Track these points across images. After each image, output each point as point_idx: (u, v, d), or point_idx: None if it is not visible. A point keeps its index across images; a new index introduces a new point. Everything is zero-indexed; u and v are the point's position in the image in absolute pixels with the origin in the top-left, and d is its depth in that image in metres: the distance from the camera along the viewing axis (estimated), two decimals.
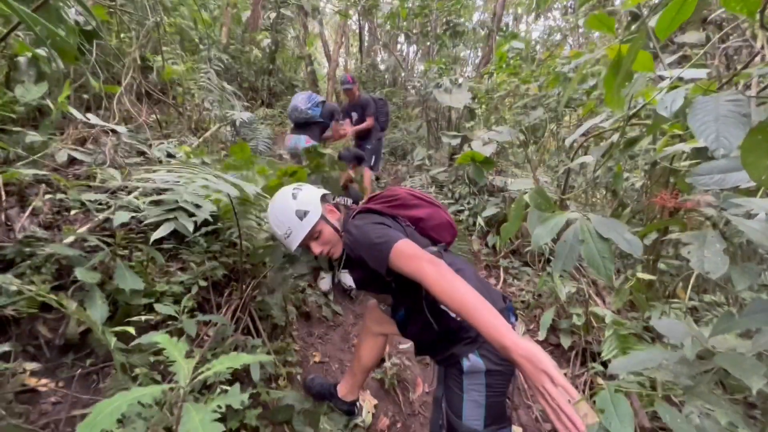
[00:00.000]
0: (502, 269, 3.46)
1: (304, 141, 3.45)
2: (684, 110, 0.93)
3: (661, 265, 2.67)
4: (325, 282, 2.65)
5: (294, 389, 1.73)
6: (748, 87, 1.75)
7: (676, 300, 2.25)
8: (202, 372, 0.91)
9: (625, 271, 2.88)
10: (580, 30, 7.99)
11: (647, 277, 2.23)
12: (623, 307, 2.65)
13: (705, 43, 2.94)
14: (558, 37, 8.79)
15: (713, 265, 0.86)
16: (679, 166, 1.78)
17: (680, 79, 1.40)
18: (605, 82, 1.14)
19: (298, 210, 1.27)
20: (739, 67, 3.05)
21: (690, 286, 1.61)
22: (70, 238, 1.62)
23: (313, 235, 1.28)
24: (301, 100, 3.60)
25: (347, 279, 2.10)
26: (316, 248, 1.30)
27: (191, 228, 1.32)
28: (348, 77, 4.29)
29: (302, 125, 3.58)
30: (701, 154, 1.25)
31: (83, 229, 1.73)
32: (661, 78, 1.46)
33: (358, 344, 1.79)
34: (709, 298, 2.80)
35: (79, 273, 1.34)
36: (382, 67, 8.51)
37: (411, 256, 1.07)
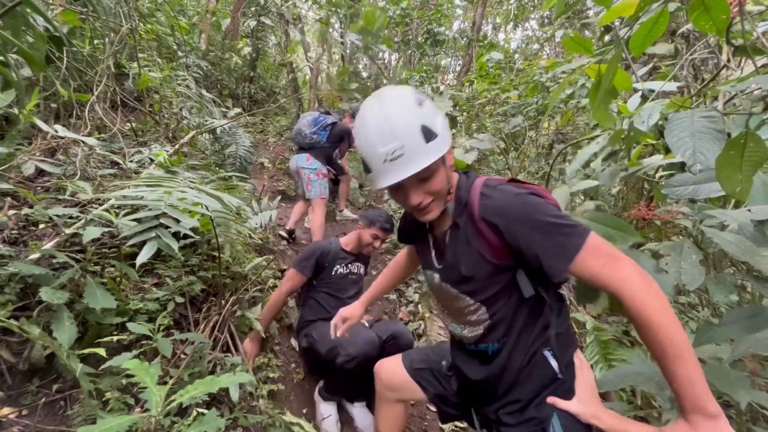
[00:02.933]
0: None
1: (304, 160, 3.31)
2: (660, 124, 0.96)
3: None
4: (329, 421, 1.84)
5: (276, 407, 1.68)
6: (715, 99, 1.82)
7: None
8: (176, 399, 0.86)
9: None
10: (557, 40, 8.23)
11: None
12: (603, 312, 2.70)
13: (674, 54, 3.07)
14: (535, 46, 9.03)
15: (690, 276, 0.88)
16: (653, 177, 1.84)
17: (652, 90, 1.44)
18: (590, 101, 1.17)
19: (425, 126, 0.82)
20: (706, 76, 3.19)
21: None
22: (36, 255, 1.54)
23: (427, 173, 0.84)
24: (306, 123, 3.40)
25: (361, 416, 1.89)
26: (417, 197, 0.87)
27: (176, 246, 1.27)
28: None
29: (307, 147, 3.39)
30: (675, 166, 1.29)
31: (50, 245, 1.65)
32: (635, 90, 1.50)
33: (376, 422, 1.39)
34: (684, 299, 2.88)
35: (45, 293, 1.27)
36: (364, 74, 8.54)
37: (613, 255, 0.75)
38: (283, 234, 3.48)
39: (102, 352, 1.24)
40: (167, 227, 1.40)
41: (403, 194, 0.88)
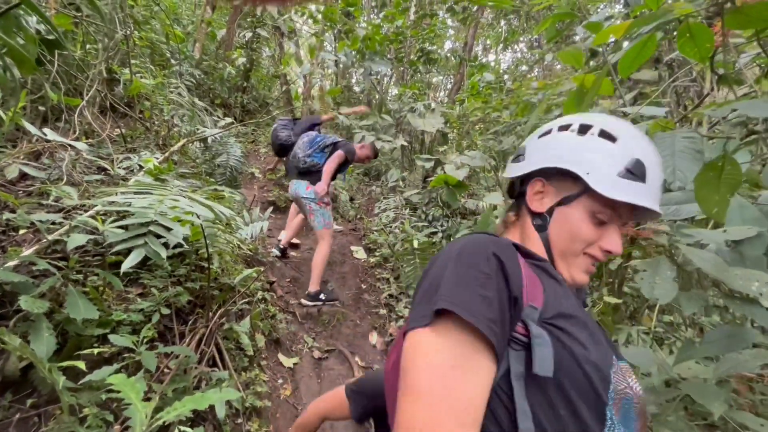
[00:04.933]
0: None
1: (303, 188, 3.01)
2: None
3: (626, 289, 2.78)
4: None
5: (262, 425, 1.62)
6: (699, 124, 1.90)
7: (640, 325, 2.33)
8: (162, 416, 0.83)
9: (591, 294, 2.98)
10: (545, 62, 8.50)
11: (613, 300, 2.31)
12: None
13: (657, 81, 3.20)
14: (524, 68, 9.30)
15: (662, 291, 0.91)
16: None
17: (641, 116, 1.49)
18: (565, 108, 1.20)
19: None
20: (687, 102, 3.32)
21: (656, 311, 1.67)
22: (14, 261, 1.48)
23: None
24: (301, 145, 3.13)
25: None
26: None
27: (164, 254, 1.24)
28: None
29: (304, 172, 3.09)
30: None
31: (30, 251, 1.59)
32: (624, 114, 1.55)
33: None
34: (668, 318, 2.93)
35: (24, 302, 1.21)
36: (356, 89, 8.64)
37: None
38: (277, 253, 3.33)
39: (82, 365, 1.19)
40: (158, 235, 1.37)
41: (612, 233, 0.69)
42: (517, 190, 0.81)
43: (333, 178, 3.15)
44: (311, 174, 3.06)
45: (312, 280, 2.83)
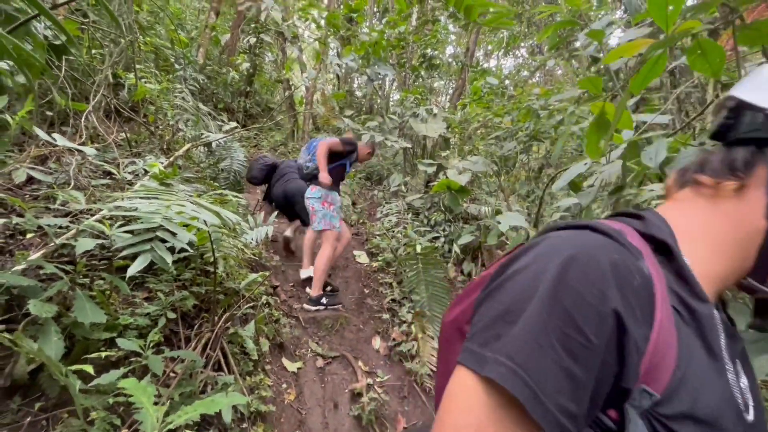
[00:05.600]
0: None
1: (309, 189, 2.99)
2: (667, 161, 1.00)
3: None
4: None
5: (267, 429, 1.63)
6: (702, 131, 1.91)
7: None
8: (173, 420, 0.84)
9: None
10: (546, 68, 8.55)
11: None
12: None
13: (659, 87, 3.22)
14: (525, 74, 9.35)
15: None
16: (643, 203, 1.90)
17: (644, 122, 1.51)
18: (588, 135, 1.22)
19: None
20: (690, 109, 3.33)
21: None
22: (23, 265, 1.49)
23: None
24: (302, 152, 3.08)
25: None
26: None
27: (170, 259, 1.25)
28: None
29: (307, 178, 3.05)
30: None
31: (38, 255, 1.60)
32: None
33: None
34: None
35: (33, 306, 1.22)
36: (359, 93, 8.69)
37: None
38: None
39: (89, 369, 1.20)
40: (163, 240, 1.38)
41: None
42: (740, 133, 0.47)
43: (339, 179, 3.09)
44: (315, 178, 2.98)
45: (313, 285, 2.83)
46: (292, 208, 3.37)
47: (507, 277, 0.41)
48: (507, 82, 8.59)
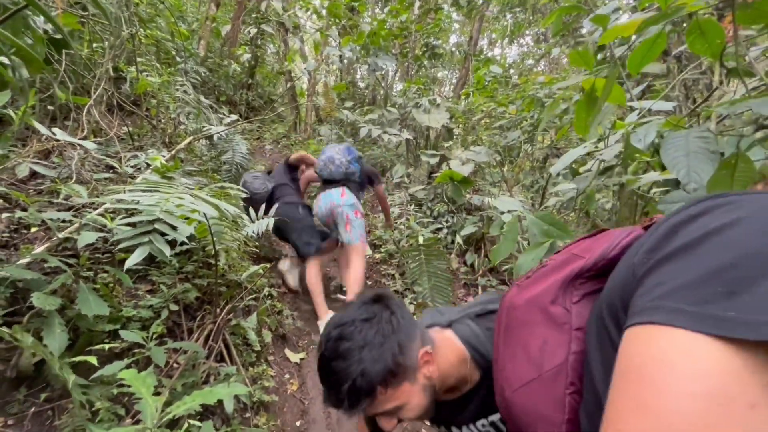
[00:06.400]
0: (480, 288, 3.48)
1: (338, 195, 2.54)
2: (660, 140, 0.98)
3: None
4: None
5: (270, 419, 1.65)
6: (708, 119, 1.88)
7: None
8: (172, 410, 0.85)
9: None
10: (551, 56, 8.41)
11: None
12: None
13: (666, 74, 3.15)
14: (530, 62, 9.21)
15: None
16: (647, 193, 1.87)
17: (649, 110, 1.48)
18: (576, 111, 1.19)
19: None
20: (697, 96, 3.27)
21: None
22: (27, 259, 1.51)
23: None
24: (338, 150, 2.66)
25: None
26: None
27: (168, 252, 1.25)
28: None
29: (338, 180, 2.64)
30: (670, 182, 1.31)
31: (42, 249, 1.62)
32: (631, 108, 1.53)
33: None
34: None
35: (37, 299, 1.24)
36: (361, 84, 8.62)
37: None
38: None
39: (93, 360, 1.22)
40: (163, 234, 1.38)
41: None
42: None
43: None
44: (349, 181, 2.64)
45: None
46: (286, 233, 2.78)
47: (708, 233, 0.36)
48: (511, 71, 8.47)
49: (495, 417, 0.82)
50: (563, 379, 0.51)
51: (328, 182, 2.65)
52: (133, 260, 1.17)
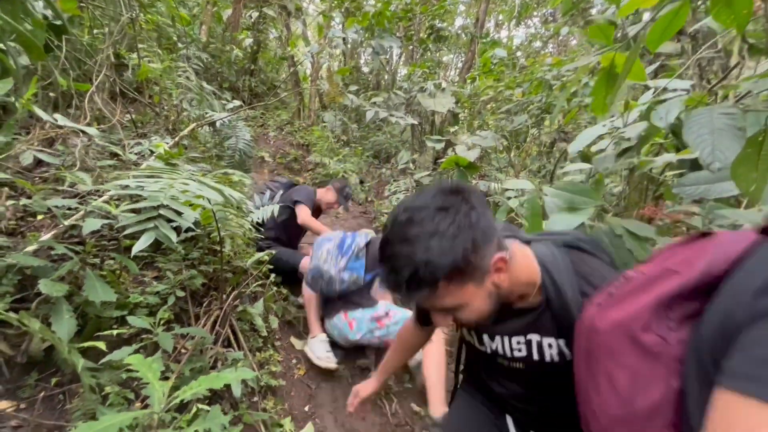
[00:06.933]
0: None
1: (347, 327, 2.02)
2: (678, 121, 0.94)
3: None
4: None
5: (277, 403, 1.66)
6: (725, 98, 1.81)
7: None
8: (179, 395, 0.85)
9: None
10: (560, 38, 8.19)
11: None
12: None
13: (680, 53, 3.05)
14: (538, 44, 8.99)
15: None
16: (660, 175, 1.82)
17: (665, 89, 1.42)
18: (595, 89, 1.15)
19: None
20: (711, 76, 3.17)
21: None
22: (34, 246, 1.51)
23: None
24: (328, 255, 2.04)
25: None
26: None
27: (174, 237, 1.24)
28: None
29: (341, 298, 2.09)
30: (686, 164, 1.27)
31: (48, 236, 1.62)
32: (647, 87, 1.48)
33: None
34: None
35: (44, 285, 1.24)
36: (365, 69, 8.48)
37: None
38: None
39: (102, 345, 1.22)
40: (170, 220, 1.37)
41: None
42: None
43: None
44: (354, 296, 2.03)
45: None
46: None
47: None
48: (519, 53, 8.28)
49: (534, 337, 0.79)
50: (660, 420, 0.45)
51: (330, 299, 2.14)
52: (139, 246, 1.17)
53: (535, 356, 0.80)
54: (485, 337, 0.87)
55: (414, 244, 0.63)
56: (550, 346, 0.78)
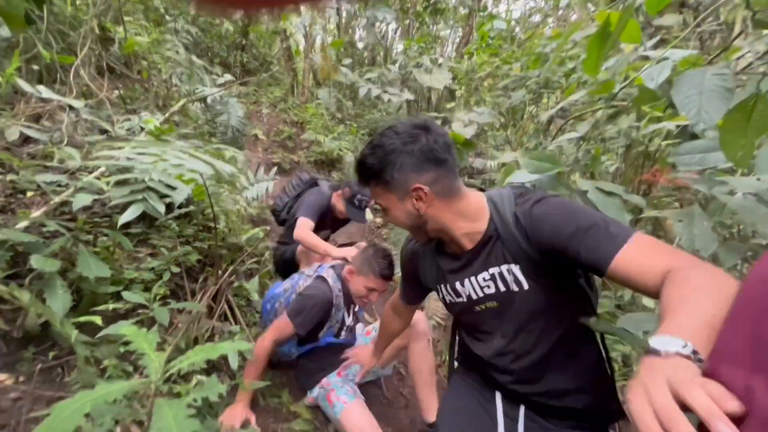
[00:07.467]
0: None
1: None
2: (669, 83, 0.92)
3: None
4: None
5: (274, 375, 1.69)
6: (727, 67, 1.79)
7: None
8: (175, 365, 0.85)
9: None
10: (560, 12, 7.98)
11: None
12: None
13: (682, 26, 2.99)
14: (537, 17, 8.76)
15: (703, 242, 0.87)
16: (656, 146, 1.82)
17: (665, 59, 1.40)
18: (588, 49, 1.12)
19: None
20: (711, 52, 3.13)
21: None
22: (25, 223, 1.50)
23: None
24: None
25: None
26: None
27: (162, 210, 1.23)
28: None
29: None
30: (683, 134, 1.26)
31: (39, 213, 1.60)
32: (646, 58, 1.45)
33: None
34: None
35: (35, 261, 1.23)
36: (360, 44, 8.26)
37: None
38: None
39: (98, 320, 1.23)
40: (163, 195, 1.36)
41: None
42: None
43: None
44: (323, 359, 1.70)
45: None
46: None
47: None
48: (517, 29, 8.08)
49: (494, 270, 0.89)
50: None
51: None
52: (126, 217, 1.15)
53: (501, 287, 0.89)
54: (457, 285, 0.96)
55: (372, 150, 0.87)
56: (509, 272, 0.87)
